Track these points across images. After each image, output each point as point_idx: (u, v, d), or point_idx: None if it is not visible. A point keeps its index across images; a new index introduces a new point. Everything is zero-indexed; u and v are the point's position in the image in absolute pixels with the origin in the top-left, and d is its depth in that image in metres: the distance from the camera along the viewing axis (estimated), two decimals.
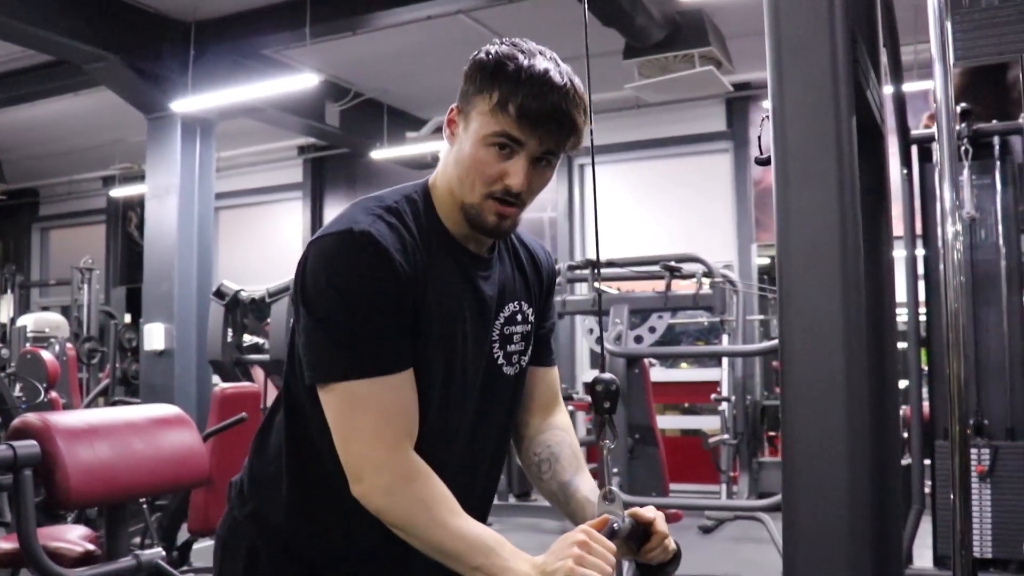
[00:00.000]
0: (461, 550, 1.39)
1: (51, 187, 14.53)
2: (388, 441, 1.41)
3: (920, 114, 8.25)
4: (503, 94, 1.41)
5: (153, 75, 8.46)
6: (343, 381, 1.41)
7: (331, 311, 1.41)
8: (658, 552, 1.54)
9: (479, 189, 1.46)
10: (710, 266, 6.11)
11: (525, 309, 1.65)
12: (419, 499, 1.40)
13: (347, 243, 1.41)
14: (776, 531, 5.44)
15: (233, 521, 1.64)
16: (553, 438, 1.70)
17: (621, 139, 10.27)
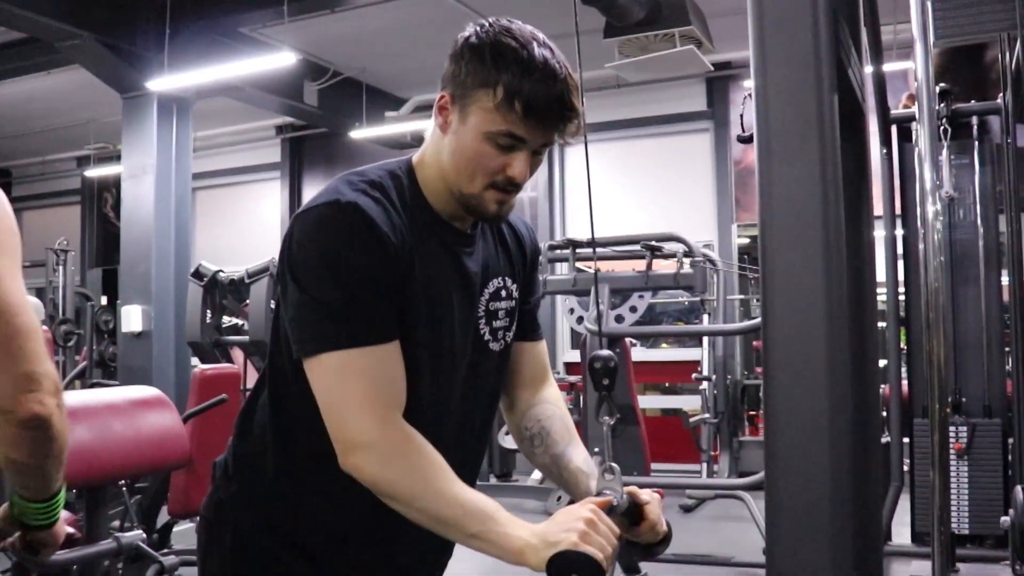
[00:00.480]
0: (458, 517, 1.37)
1: (24, 167, 14.40)
2: (379, 411, 1.40)
3: (899, 94, 8.28)
4: (507, 91, 1.40)
5: (128, 53, 8.36)
6: (332, 352, 1.40)
7: (319, 282, 1.41)
8: (648, 535, 1.54)
9: (480, 181, 1.47)
10: (691, 246, 6.13)
11: (509, 285, 1.65)
12: (414, 467, 1.39)
13: (334, 214, 1.41)
14: (757, 509, 5.49)
15: (218, 502, 1.63)
16: (544, 412, 1.71)
17: (601, 119, 10.25)
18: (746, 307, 9.73)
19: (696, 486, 6.82)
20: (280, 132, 12.40)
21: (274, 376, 1.58)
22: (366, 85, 10.42)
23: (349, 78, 10.17)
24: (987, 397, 4.89)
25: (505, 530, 1.35)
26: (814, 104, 1.31)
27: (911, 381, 5.22)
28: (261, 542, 1.57)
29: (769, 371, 1.36)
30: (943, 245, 4.31)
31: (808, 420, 1.29)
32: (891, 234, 5.32)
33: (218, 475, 1.66)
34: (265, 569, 1.57)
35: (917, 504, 4.99)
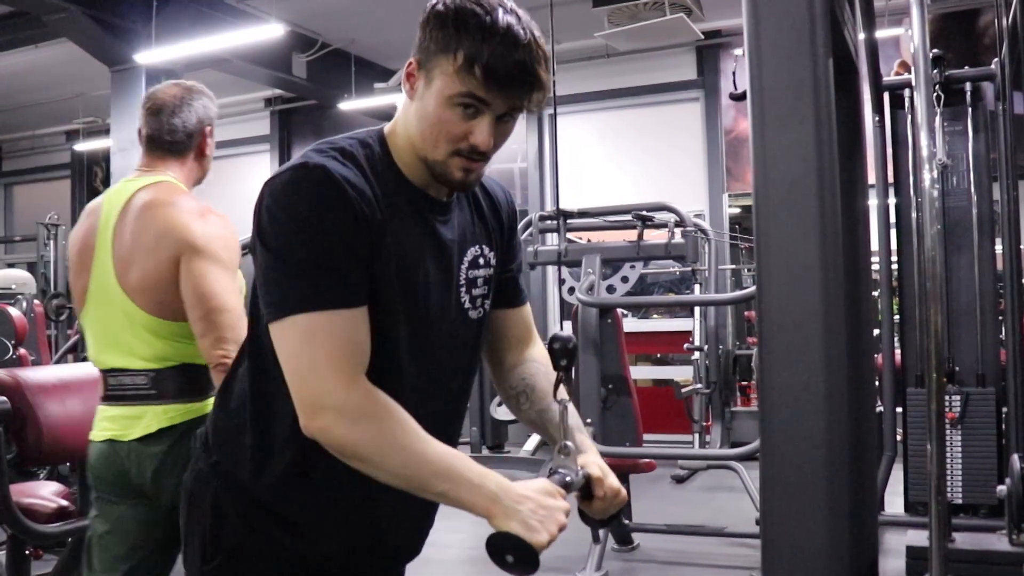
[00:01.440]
0: (426, 477, 1.39)
1: (13, 142, 14.32)
2: (346, 374, 1.39)
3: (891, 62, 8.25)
4: (467, 55, 1.39)
5: (115, 26, 8.29)
6: (298, 314, 1.39)
7: (287, 244, 1.40)
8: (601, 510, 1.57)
9: (444, 148, 1.46)
10: (682, 215, 6.10)
11: (487, 252, 1.65)
12: (381, 428, 1.39)
13: (301, 177, 1.42)
14: (749, 480, 5.51)
15: (199, 472, 1.63)
16: (528, 370, 1.73)
17: (591, 88, 10.21)
18: (737, 277, 9.73)
19: (689, 456, 6.85)
20: (269, 104, 12.33)
21: (253, 346, 1.57)
22: (354, 56, 10.35)
23: (337, 49, 10.09)
24: (981, 366, 4.89)
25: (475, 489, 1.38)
26: (809, 67, 1.29)
27: (904, 350, 5.23)
28: (240, 511, 1.58)
29: (764, 340, 1.35)
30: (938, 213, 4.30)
31: (804, 389, 1.29)
32: (884, 202, 5.31)
33: (198, 446, 1.66)
34: (244, 538, 1.58)
35: (910, 474, 5.00)
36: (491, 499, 1.37)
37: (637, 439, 5.24)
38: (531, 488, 1.39)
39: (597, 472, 1.55)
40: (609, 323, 5.21)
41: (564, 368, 1.52)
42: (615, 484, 1.56)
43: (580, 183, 10.13)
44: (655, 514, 5.72)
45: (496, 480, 1.39)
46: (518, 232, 1.79)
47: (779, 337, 1.31)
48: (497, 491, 1.37)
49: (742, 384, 8.97)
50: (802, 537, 1.28)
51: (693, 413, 7.65)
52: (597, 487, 1.54)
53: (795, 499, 1.29)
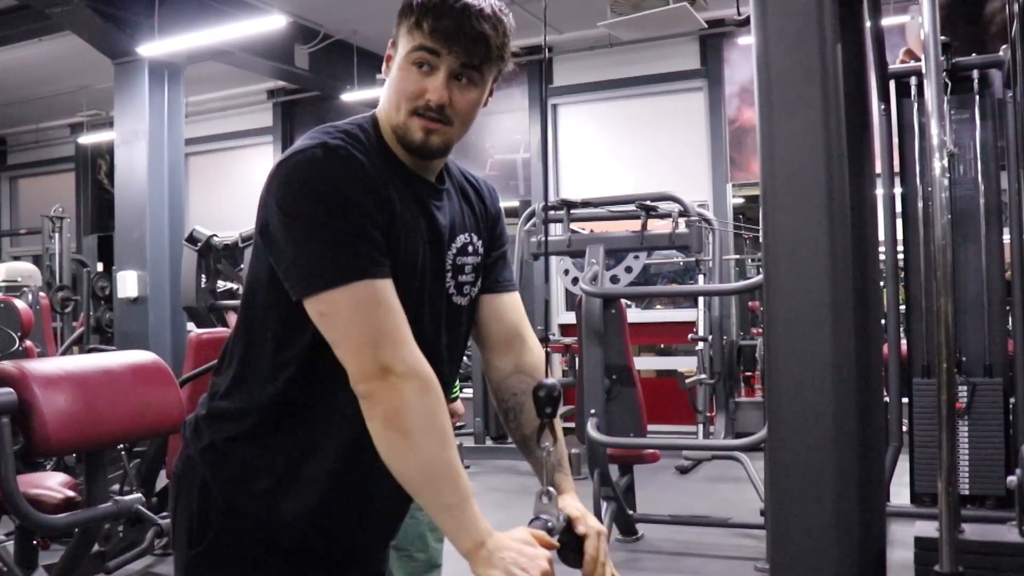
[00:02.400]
0: (447, 481, 1.40)
1: (18, 135, 14.33)
2: (413, 343, 1.43)
3: (896, 50, 8.22)
4: (419, 15, 1.48)
5: (118, 18, 8.28)
6: (357, 281, 1.41)
7: (326, 217, 1.42)
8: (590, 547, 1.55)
9: (404, 107, 1.51)
10: (686, 205, 6.09)
11: (475, 241, 1.68)
12: (438, 412, 1.41)
13: (325, 156, 1.45)
14: (754, 470, 5.51)
15: (188, 459, 1.64)
16: (519, 385, 1.72)
17: (594, 78, 10.19)
18: (741, 267, 9.71)
19: (693, 447, 6.84)
20: (272, 96, 12.32)
21: (249, 330, 1.59)
22: (357, 47, 10.32)
23: (340, 40, 10.07)
24: (988, 356, 4.87)
25: (474, 520, 1.39)
26: (817, 53, 1.28)
27: (910, 340, 5.21)
28: (227, 497, 1.59)
29: (771, 329, 1.34)
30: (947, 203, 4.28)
31: (811, 379, 1.28)
32: (890, 191, 5.30)
33: (189, 432, 1.67)
34: (230, 523, 1.59)
35: (917, 465, 4.99)
36: (479, 540, 1.38)
37: (641, 430, 5.24)
38: (513, 538, 1.40)
39: (576, 512, 1.56)
40: (613, 313, 5.20)
41: (548, 415, 1.53)
42: (595, 524, 1.57)
43: (582, 173, 10.11)
44: (659, 504, 5.72)
45: (488, 525, 1.40)
46: (503, 222, 1.80)
47: (787, 326, 1.30)
48: (487, 534, 1.38)
49: (746, 374, 8.95)
50: (810, 528, 1.27)
51: (697, 403, 7.64)
52: (578, 524, 1.55)
53: (803, 489, 1.29)
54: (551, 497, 1.53)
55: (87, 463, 3.11)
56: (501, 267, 1.77)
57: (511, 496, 6.28)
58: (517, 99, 10.50)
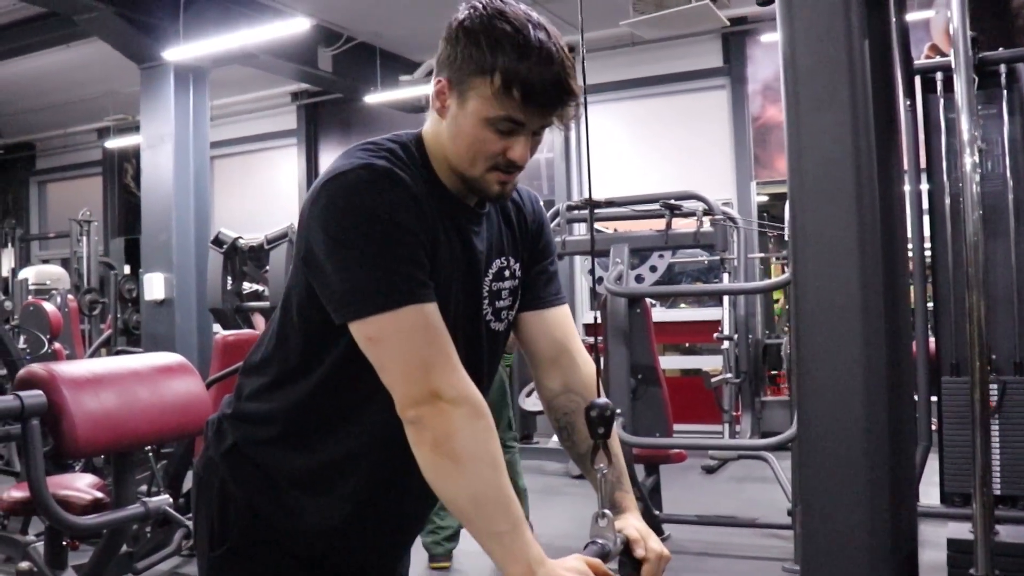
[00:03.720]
0: (498, 508, 1.36)
1: (47, 140, 14.45)
2: (461, 369, 1.40)
3: (920, 45, 8.16)
4: (505, 77, 1.39)
5: (144, 24, 8.34)
6: (408, 305, 1.39)
7: (374, 241, 1.39)
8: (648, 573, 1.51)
9: (482, 165, 1.47)
10: (711, 204, 6.05)
11: (512, 264, 1.64)
12: (489, 439, 1.39)
13: (371, 178, 1.41)
14: (781, 470, 5.47)
15: (208, 460, 1.65)
16: (569, 405, 1.68)
17: (616, 77, 10.15)
18: (766, 265, 9.66)
19: (720, 447, 6.81)
20: (296, 99, 12.37)
21: (283, 339, 1.58)
22: (380, 49, 10.34)
23: (363, 43, 10.10)
24: (1018, 354, 4.81)
25: (525, 548, 1.34)
26: (844, 50, 1.27)
27: (938, 339, 5.16)
28: (248, 500, 1.59)
29: (801, 327, 1.33)
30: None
31: (842, 377, 1.27)
32: (916, 188, 5.25)
33: (211, 433, 1.67)
34: (250, 525, 1.59)
35: (946, 464, 4.94)
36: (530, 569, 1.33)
37: (667, 429, 5.22)
38: (566, 567, 1.35)
39: (635, 534, 1.51)
40: (638, 313, 5.19)
41: (602, 436, 1.49)
42: (657, 546, 1.52)
43: (606, 173, 10.09)
44: (685, 504, 5.69)
45: (540, 552, 1.36)
46: (549, 233, 1.76)
47: (816, 324, 1.29)
48: (539, 562, 1.34)
49: (771, 373, 8.90)
50: (842, 529, 1.26)
51: (723, 403, 7.60)
52: (636, 547, 1.50)
53: (834, 490, 1.27)
54: (607, 520, 1.47)
55: (115, 465, 3.13)
56: (546, 281, 1.72)
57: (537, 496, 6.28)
58: None
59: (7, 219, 13.42)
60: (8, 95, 11.70)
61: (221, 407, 1.68)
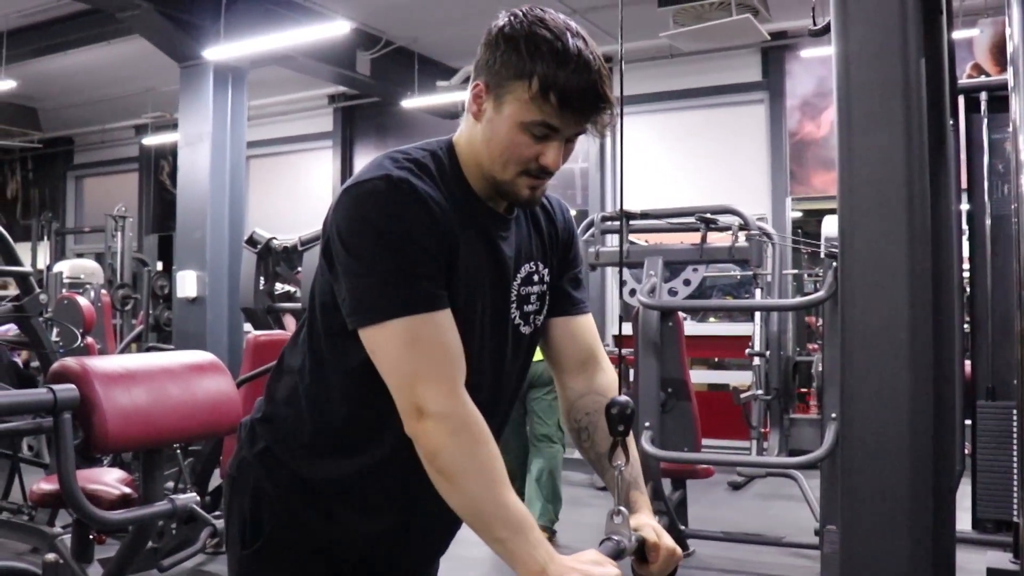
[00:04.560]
0: (494, 516, 1.39)
1: (85, 136, 14.60)
2: (452, 381, 1.42)
3: (963, 64, 8.08)
4: (543, 83, 1.42)
5: (186, 23, 8.41)
6: (399, 318, 1.41)
7: (379, 252, 1.42)
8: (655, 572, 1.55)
9: (513, 169, 1.49)
10: (747, 218, 6.00)
11: (541, 269, 1.66)
12: (476, 449, 1.41)
13: (388, 189, 1.43)
14: (808, 489, 5.42)
15: (242, 460, 1.66)
16: (592, 405, 1.70)
17: (654, 89, 10.13)
18: (799, 282, 9.58)
19: (749, 464, 6.75)
20: (332, 101, 12.43)
21: (312, 342, 1.59)
22: (418, 54, 10.38)
23: (401, 47, 10.13)
24: None
25: (530, 550, 1.37)
26: (900, 68, 1.24)
27: (975, 361, 5.09)
28: (282, 499, 1.60)
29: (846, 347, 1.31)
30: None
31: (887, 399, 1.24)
32: (956, 208, 5.19)
33: (244, 435, 1.69)
34: (283, 525, 1.60)
35: (979, 490, 4.87)
36: (538, 569, 1.36)
37: (696, 444, 5.18)
38: (579, 560, 1.39)
39: (652, 536, 1.54)
40: (670, 326, 5.15)
41: (621, 434, 1.51)
42: (670, 545, 1.55)
43: (640, 184, 10.06)
44: (711, 521, 5.65)
45: (548, 550, 1.39)
46: (577, 243, 1.78)
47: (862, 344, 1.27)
48: (547, 560, 1.37)
49: (801, 391, 8.82)
50: (883, 554, 1.23)
51: (751, 419, 7.54)
52: (651, 552, 1.53)
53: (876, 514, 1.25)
54: (623, 517, 1.50)
55: (144, 461, 3.14)
56: (574, 289, 1.75)
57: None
58: None
59: (44, 213, 13.56)
60: (49, 90, 11.84)
61: (254, 410, 1.70)
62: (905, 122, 1.25)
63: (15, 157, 15.21)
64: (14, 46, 9.71)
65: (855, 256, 1.26)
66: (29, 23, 9.67)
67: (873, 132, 1.26)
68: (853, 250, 1.27)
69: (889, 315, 1.24)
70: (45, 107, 12.65)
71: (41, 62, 10.26)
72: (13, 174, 15.54)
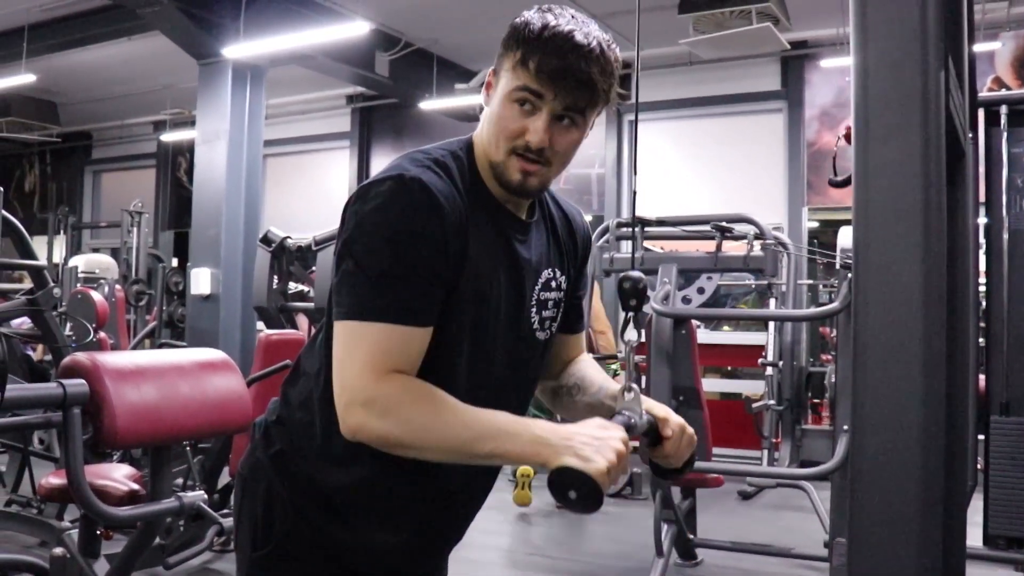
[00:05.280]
0: (467, 441, 1.38)
1: (104, 131, 14.67)
2: (378, 371, 1.40)
3: (983, 77, 8.04)
4: (525, 51, 1.45)
5: (206, 20, 8.45)
6: (362, 321, 1.41)
7: (372, 254, 1.42)
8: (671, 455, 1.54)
9: (503, 145, 1.49)
10: (762, 228, 5.98)
11: (559, 277, 1.67)
12: (415, 410, 1.39)
13: (397, 189, 1.43)
14: (819, 501, 5.38)
15: (256, 462, 1.65)
16: (578, 367, 1.78)
17: (673, 96, 10.11)
18: (814, 292, 9.55)
19: (759, 474, 6.71)
20: (350, 101, 12.45)
21: (328, 346, 1.57)
22: (437, 56, 10.39)
23: (420, 49, 10.15)
24: None
25: (524, 438, 1.36)
26: (919, 81, 1.23)
27: (989, 376, 5.05)
28: (295, 501, 1.59)
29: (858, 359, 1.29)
30: None
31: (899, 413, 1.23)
32: (974, 222, 5.15)
33: (258, 435, 1.68)
34: (295, 527, 1.59)
35: (991, 506, 4.83)
36: (540, 443, 1.35)
37: (707, 453, 5.15)
38: (584, 425, 1.37)
39: (662, 413, 1.53)
40: (683, 334, 5.13)
41: (634, 308, 1.50)
42: (680, 420, 1.54)
43: (657, 191, 10.04)
44: (720, 530, 5.62)
45: (542, 425, 1.37)
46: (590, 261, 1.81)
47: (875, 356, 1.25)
48: (544, 434, 1.35)
49: (814, 402, 8.78)
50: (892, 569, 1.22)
51: (763, 429, 7.51)
52: (664, 427, 1.52)
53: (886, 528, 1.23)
54: (635, 393, 1.47)
55: (153, 458, 3.14)
56: (579, 309, 1.78)
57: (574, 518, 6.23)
58: None
59: (61, 207, 13.63)
60: (68, 85, 11.89)
61: (268, 411, 1.68)
62: (923, 135, 1.23)
63: (34, 151, 15.29)
64: (35, 40, 9.77)
65: (869, 269, 1.25)
66: (50, 17, 9.72)
67: (890, 145, 1.24)
68: (867, 263, 1.26)
69: (902, 329, 1.22)
70: (64, 101, 12.71)
71: (61, 56, 10.31)
72: (31, 168, 15.62)
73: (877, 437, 1.23)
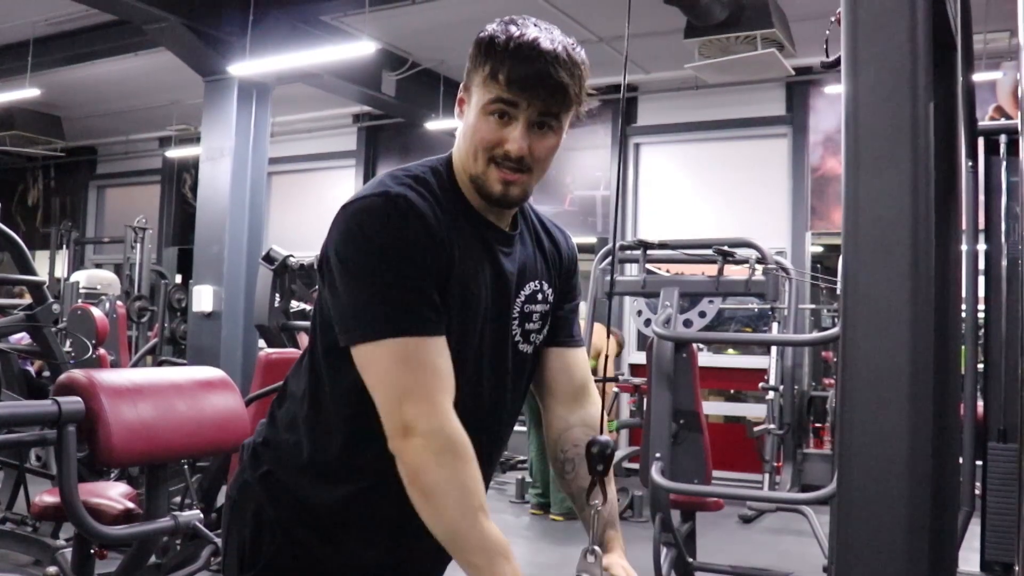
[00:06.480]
0: (471, 542, 1.38)
1: (108, 146, 14.72)
2: (441, 403, 1.41)
3: (985, 106, 8.05)
4: (494, 64, 1.47)
5: (212, 37, 8.49)
6: (391, 337, 1.41)
7: (376, 270, 1.42)
8: None
9: (482, 157, 1.50)
10: (764, 252, 5.98)
11: (545, 289, 1.67)
12: (457, 473, 1.40)
13: (383, 205, 1.44)
14: (819, 525, 5.36)
15: (244, 483, 1.66)
16: (582, 438, 1.69)
17: (678, 119, 10.14)
18: (816, 317, 9.54)
19: (759, 498, 6.69)
20: (357, 121, 12.49)
21: (313, 364, 1.59)
22: (444, 77, 10.43)
23: (427, 69, 10.19)
24: None
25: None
26: (908, 111, 1.23)
27: (987, 403, 5.04)
28: (283, 522, 1.59)
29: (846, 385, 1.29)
30: None
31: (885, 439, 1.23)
32: (973, 249, 5.15)
33: (246, 457, 1.69)
34: (283, 549, 1.59)
35: (989, 531, 4.80)
36: None
37: (706, 476, 5.14)
38: None
39: (620, 574, 1.54)
40: (684, 357, 5.12)
41: (600, 473, 1.52)
42: None
43: (661, 214, 10.06)
44: (720, 554, 5.60)
45: None
46: (578, 276, 1.79)
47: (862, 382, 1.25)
48: None
49: (815, 426, 8.76)
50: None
51: (764, 453, 7.49)
52: None
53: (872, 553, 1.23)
54: (596, 556, 1.50)
55: (149, 476, 3.13)
56: (572, 321, 1.76)
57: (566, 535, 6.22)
58: (600, 136, 10.49)
59: (64, 222, 13.66)
60: (74, 99, 11.94)
61: (256, 432, 1.68)
62: (912, 164, 1.23)
63: (38, 165, 15.34)
64: (40, 54, 9.80)
65: (857, 297, 1.25)
66: (56, 32, 9.76)
67: (880, 174, 1.24)
68: (856, 291, 1.26)
69: (889, 358, 1.22)
70: (69, 116, 12.76)
71: (67, 71, 10.35)
72: (35, 182, 15.68)
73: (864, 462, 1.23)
